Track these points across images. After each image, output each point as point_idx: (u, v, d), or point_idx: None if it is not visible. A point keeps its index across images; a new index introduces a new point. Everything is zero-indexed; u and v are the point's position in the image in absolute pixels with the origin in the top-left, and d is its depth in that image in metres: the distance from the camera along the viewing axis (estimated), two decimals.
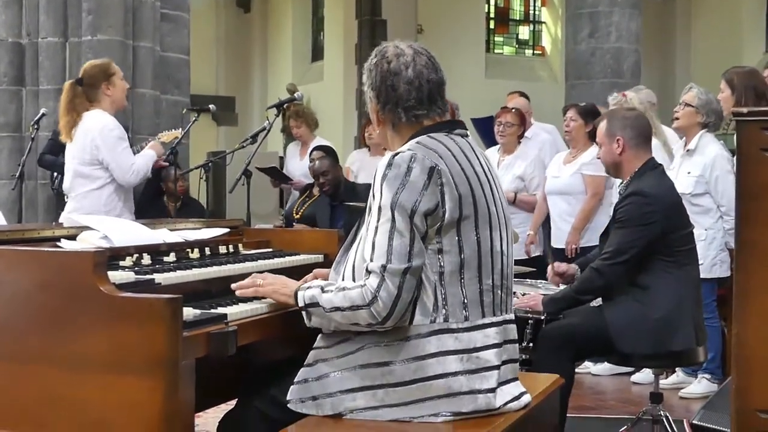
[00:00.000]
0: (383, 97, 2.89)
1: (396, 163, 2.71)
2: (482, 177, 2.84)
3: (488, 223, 2.80)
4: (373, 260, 2.68)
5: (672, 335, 4.26)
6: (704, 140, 6.39)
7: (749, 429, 2.72)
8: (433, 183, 2.69)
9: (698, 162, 6.33)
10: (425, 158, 2.71)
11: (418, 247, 2.68)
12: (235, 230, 3.94)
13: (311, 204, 8.11)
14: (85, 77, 5.80)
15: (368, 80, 2.93)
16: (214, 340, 2.57)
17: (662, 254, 4.33)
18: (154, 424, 2.46)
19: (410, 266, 2.66)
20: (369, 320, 2.68)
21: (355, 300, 2.69)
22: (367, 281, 2.68)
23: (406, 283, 2.66)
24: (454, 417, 2.73)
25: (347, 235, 3.04)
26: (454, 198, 2.71)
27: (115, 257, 3.01)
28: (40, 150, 8.42)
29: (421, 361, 2.72)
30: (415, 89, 2.85)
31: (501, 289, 2.85)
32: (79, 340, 2.53)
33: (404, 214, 2.66)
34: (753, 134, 2.74)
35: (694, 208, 6.24)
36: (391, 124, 2.92)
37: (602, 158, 4.65)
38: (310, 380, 2.83)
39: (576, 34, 11.53)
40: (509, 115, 7.76)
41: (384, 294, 2.65)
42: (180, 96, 9.91)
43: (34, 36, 9.20)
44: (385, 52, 2.91)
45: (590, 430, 5.30)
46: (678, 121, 6.43)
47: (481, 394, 2.75)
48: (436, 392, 2.72)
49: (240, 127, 19.05)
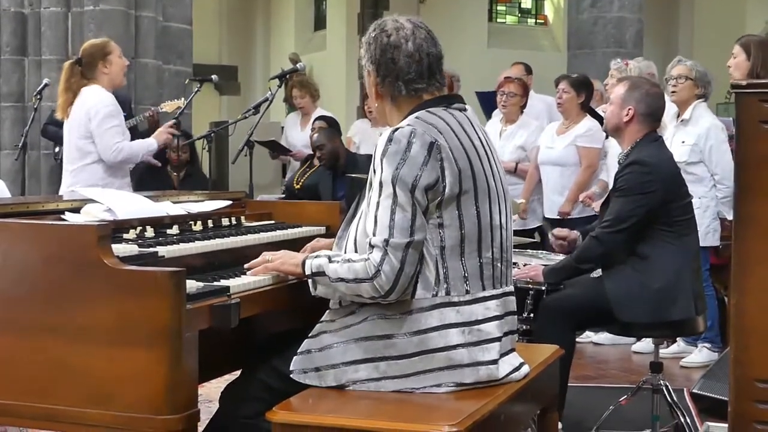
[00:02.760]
0: (383, 70, 2.90)
1: (396, 138, 2.73)
2: (480, 151, 2.85)
3: (487, 196, 2.82)
4: (376, 235, 2.70)
5: (671, 305, 4.29)
6: (698, 110, 6.44)
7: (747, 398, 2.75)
8: (433, 158, 2.70)
9: (692, 132, 6.38)
10: (425, 133, 2.72)
11: (420, 222, 2.70)
12: (237, 202, 3.96)
13: (312, 174, 8.12)
14: (84, 56, 5.89)
15: (367, 54, 2.94)
16: (217, 312, 2.60)
17: (662, 224, 4.35)
18: (157, 394, 2.49)
19: (412, 240, 2.69)
20: (372, 293, 2.71)
21: (358, 273, 2.71)
22: (370, 255, 2.70)
23: (409, 257, 2.69)
24: (456, 388, 2.76)
25: (348, 207, 3.06)
26: (454, 173, 2.72)
27: (118, 230, 3.03)
28: (43, 120, 8.43)
29: (423, 335, 2.75)
30: (416, 62, 2.86)
31: (501, 262, 2.87)
32: (83, 312, 2.56)
33: (405, 189, 2.68)
34: (752, 107, 2.75)
35: (688, 177, 6.26)
36: (390, 97, 2.93)
37: (607, 117, 4.66)
38: (313, 351, 2.86)
39: (579, 3, 11.47)
40: (512, 84, 7.75)
41: (387, 268, 2.67)
42: (182, 66, 9.91)
43: (36, 6, 9.20)
44: (384, 25, 2.92)
45: (591, 399, 5.33)
46: (676, 95, 6.43)
47: (482, 366, 2.78)
48: (438, 364, 2.75)
49: (242, 97, 19.01)
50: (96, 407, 2.55)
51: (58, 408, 2.60)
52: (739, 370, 2.79)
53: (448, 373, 2.75)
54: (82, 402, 2.57)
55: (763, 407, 2.73)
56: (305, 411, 2.68)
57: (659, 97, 4.59)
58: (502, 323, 2.85)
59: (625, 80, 4.86)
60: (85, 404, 2.57)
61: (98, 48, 5.91)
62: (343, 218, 3.10)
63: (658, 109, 4.57)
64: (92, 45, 6.00)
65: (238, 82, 19.77)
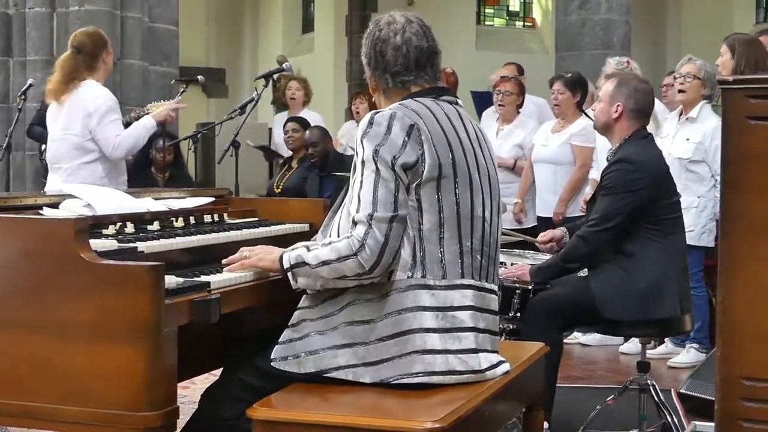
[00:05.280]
0: (373, 63, 2.99)
1: (377, 121, 2.76)
2: (466, 143, 2.86)
3: (469, 186, 2.82)
4: (359, 211, 2.72)
5: (657, 303, 4.26)
6: (705, 111, 6.45)
7: (734, 396, 2.73)
8: (412, 139, 2.73)
9: (699, 129, 6.38)
10: (405, 117, 2.76)
11: (403, 197, 2.72)
12: (220, 199, 3.92)
13: (291, 176, 8.13)
14: (86, 46, 5.71)
15: (363, 48, 3.02)
16: (197, 307, 2.57)
17: (648, 222, 4.33)
18: (136, 391, 2.46)
19: (396, 214, 2.70)
20: (356, 270, 2.70)
21: (342, 251, 2.71)
22: (353, 231, 2.71)
23: (393, 231, 2.70)
24: (429, 378, 2.74)
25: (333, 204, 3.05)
26: (433, 156, 2.75)
27: (98, 225, 3.00)
28: (27, 121, 8.38)
29: (398, 315, 2.74)
30: (402, 55, 2.92)
31: (481, 255, 2.86)
32: (61, 307, 2.53)
33: (386, 165, 2.71)
34: (739, 102, 2.74)
35: (689, 175, 6.30)
36: (381, 90, 3.00)
37: (596, 114, 4.64)
38: (293, 340, 2.86)
39: (566, 5, 11.46)
40: (509, 84, 7.76)
41: (371, 242, 2.68)
42: (169, 67, 9.89)
43: (21, 6, 9.17)
44: (379, 20, 3.01)
45: (578, 399, 5.31)
46: (684, 93, 6.42)
47: (451, 355, 2.76)
48: (412, 347, 2.73)
49: (230, 99, 18.96)
50: (73, 404, 2.52)
51: (35, 405, 2.57)
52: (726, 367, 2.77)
53: (420, 358, 2.73)
54: (59, 399, 2.53)
55: (749, 405, 2.72)
56: (286, 408, 2.65)
57: (648, 93, 4.57)
58: (477, 316, 2.84)
59: (613, 77, 4.84)
60: (62, 401, 2.53)
61: (100, 37, 5.77)
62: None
63: (647, 104, 4.55)
64: (90, 34, 5.81)
65: (225, 84, 19.75)
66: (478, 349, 2.83)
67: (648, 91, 4.59)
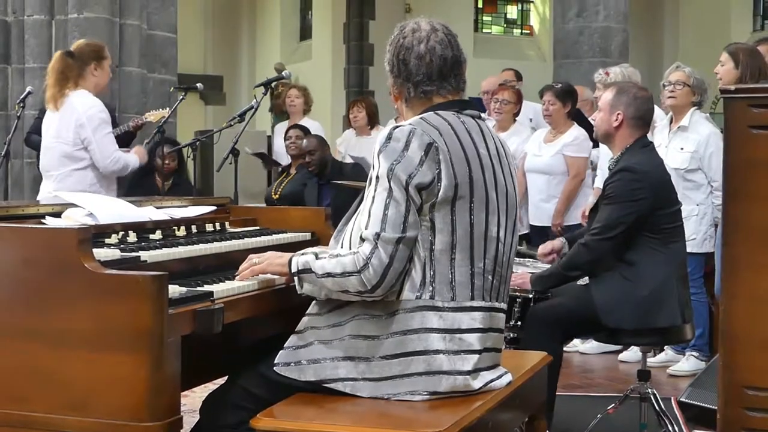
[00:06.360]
0: (395, 71, 2.93)
1: (395, 136, 2.72)
2: (485, 161, 2.82)
3: (485, 207, 2.79)
4: (368, 228, 2.69)
5: (658, 311, 4.27)
6: (696, 117, 6.45)
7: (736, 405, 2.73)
8: (429, 158, 2.69)
9: (693, 138, 6.37)
10: (424, 134, 2.71)
11: (413, 219, 2.68)
12: (222, 208, 3.92)
13: (289, 183, 8.13)
14: (77, 52, 5.75)
15: (387, 55, 2.97)
16: (200, 317, 2.57)
17: (649, 231, 4.33)
18: (138, 401, 2.45)
19: (404, 236, 2.67)
20: (359, 287, 2.69)
21: (346, 266, 2.69)
22: (360, 248, 2.69)
23: (399, 253, 2.67)
24: (431, 396, 2.73)
25: (334, 214, 3.04)
26: (450, 176, 2.70)
27: (100, 234, 3.00)
28: (26, 128, 8.36)
29: (403, 336, 2.72)
30: (425, 65, 2.87)
31: (493, 275, 2.84)
32: (64, 316, 2.51)
33: (400, 185, 2.67)
34: (740, 111, 2.75)
35: (686, 184, 6.29)
36: (404, 98, 2.95)
37: (597, 124, 4.65)
38: (298, 347, 2.85)
39: (564, 13, 11.48)
40: (507, 92, 7.78)
41: (375, 261, 2.66)
42: (167, 75, 9.85)
43: (19, 13, 9.13)
44: (404, 27, 2.95)
45: (579, 408, 5.30)
46: (674, 100, 6.42)
47: (460, 375, 2.75)
48: (416, 369, 2.72)
49: (228, 107, 18.96)
50: (75, 414, 2.50)
51: (36, 415, 2.55)
52: (728, 376, 2.78)
53: (424, 379, 2.72)
54: (60, 408, 2.52)
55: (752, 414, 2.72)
56: (289, 418, 2.65)
57: (648, 101, 4.57)
58: (485, 337, 2.81)
59: (612, 86, 4.84)
60: (63, 411, 2.52)
61: (94, 49, 5.81)
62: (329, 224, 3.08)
63: (647, 111, 4.55)
64: (89, 44, 5.89)
65: (223, 92, 19.75)
66: (480, 368, 2.81)
67: (648, 98, 4.59)
